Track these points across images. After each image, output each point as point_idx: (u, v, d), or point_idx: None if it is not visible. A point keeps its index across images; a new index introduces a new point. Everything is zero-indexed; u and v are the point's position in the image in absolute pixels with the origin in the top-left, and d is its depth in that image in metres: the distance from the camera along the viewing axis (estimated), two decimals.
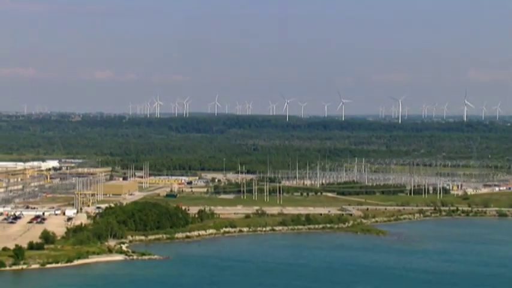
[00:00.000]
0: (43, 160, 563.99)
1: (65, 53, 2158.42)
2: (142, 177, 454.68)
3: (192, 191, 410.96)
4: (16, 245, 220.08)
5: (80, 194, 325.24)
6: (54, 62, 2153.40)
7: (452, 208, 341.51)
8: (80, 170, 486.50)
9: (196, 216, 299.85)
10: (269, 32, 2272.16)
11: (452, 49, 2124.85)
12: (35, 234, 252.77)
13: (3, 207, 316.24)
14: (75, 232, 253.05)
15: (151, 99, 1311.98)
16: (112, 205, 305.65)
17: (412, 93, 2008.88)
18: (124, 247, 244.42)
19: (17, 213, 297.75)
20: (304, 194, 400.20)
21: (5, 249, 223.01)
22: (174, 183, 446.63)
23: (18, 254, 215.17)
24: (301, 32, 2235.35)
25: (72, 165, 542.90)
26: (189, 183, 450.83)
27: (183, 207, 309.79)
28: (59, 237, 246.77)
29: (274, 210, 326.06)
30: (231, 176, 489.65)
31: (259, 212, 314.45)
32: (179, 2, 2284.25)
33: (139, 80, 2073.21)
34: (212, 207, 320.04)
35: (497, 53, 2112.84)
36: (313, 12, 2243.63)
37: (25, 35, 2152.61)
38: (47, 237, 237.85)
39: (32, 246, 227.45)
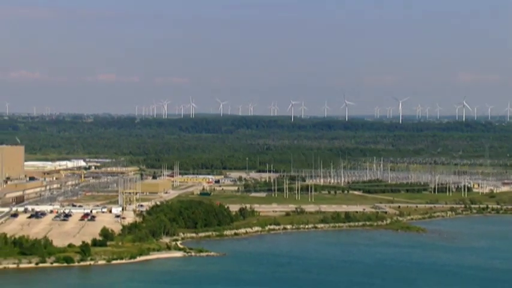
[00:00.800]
0: (69, 160, 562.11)
1: (69, 56, 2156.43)
2: (171, 176, 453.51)
3: (223, 189, 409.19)
4: (83, 242, 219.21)
5: (125, 193, 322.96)
6: (60, 65, 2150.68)
7: (482, 206, 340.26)
8: (114, 169, 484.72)
9: (239, 214, 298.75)
10: (265, 34, 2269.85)
11: (441, 52, 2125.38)
12: (90, 231, 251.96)
13: (50, 205, 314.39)
14: (130, 229, 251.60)
15: (157, 101, 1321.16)
16: (158, 203, 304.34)
17: (403, 95, 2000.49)
18: (179, 244, 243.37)
19: (66, 211, 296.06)
20: (332, 192, 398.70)
21: (70, 245, 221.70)
22: (203, 181, 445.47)
23: (84, 250, 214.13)
24: (296, 35, 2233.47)
25: (98, 164, 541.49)
26: (217, 181, 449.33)
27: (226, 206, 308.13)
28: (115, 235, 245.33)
29: (309, 208, 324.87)
30: (254, 175, 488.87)
31: (298, 210, 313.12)
32: (179, 6, 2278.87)
33: (140, 82, 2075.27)
34: (253, 205, 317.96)
35: (484, 56, 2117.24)
36: (309, 15, 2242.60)
37: (31, 40, 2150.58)
38: (106, 234, 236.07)
39: (95, 242, 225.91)
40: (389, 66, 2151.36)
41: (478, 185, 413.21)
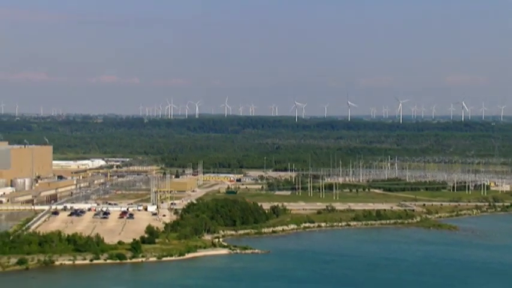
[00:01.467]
0: (88, 159, 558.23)
1: (73, 58, 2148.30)
2: (194, 174, 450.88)
3: (247, 188, 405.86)
4: (133, 239, 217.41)
5: (160, 191, 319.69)
6: (62, 66, 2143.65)
7: (505, 204, 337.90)
8: (137, 168, 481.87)
9: (271, 212, 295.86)
10: (264, 35, 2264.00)
11: (433, 54, 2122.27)
12: (132, 228, 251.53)
13: (86, 203, 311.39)
14: (172, 227, 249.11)
15: (162, 102, 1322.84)
16: (194, 201, 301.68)
17: (396, 95, 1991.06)
18: (221, 241, 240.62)
19: (104, 209, 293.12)
20: (353, 190, 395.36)
21: (120, 242, 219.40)
22: (225, 180, 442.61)
23: (135, 247, 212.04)
24: (291, 36, 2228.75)
25: (118, 163, 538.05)
26: (238, 180, 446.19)
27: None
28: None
29: (337, 206, 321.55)
30: (272, 174, 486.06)
31: (329, 208, 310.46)
32: (178, 8, 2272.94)
33: (141, 83, 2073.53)
34: (283, 204, 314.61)
35: (474, 57, 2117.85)
36: (304, 17, 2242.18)
37: (34, 42, 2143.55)
38: (152, 232, 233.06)
39: (143, 240, 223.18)
40: (383, 68, 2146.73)
41: (495, 183, 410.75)
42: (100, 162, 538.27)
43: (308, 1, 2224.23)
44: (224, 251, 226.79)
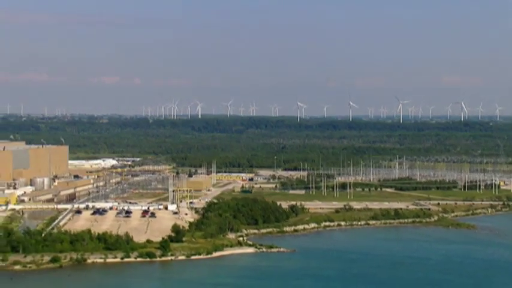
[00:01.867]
0: (99, 159, 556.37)
1: (73, 59, 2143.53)
2: (207, 174, 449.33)
3: (260, 187, 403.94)
4: (162, 238, 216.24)
5: (179, 190, 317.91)
6: (64, 67, 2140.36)
7: None
8: (151, 167, 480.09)
9: (290, 210, 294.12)
10: (261, 36, 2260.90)
11: (429, 55, 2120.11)
12: (157, 227, 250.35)
13: (106, 202, 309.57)
14: (197, 226, 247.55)
15: (166, 102, 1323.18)
16: (215, 201, 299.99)
17: (393, 96, 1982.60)
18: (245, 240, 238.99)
19: (125, 208, 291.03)
20: (366, 189, 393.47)
21: (149, 241, 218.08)
22: (237, 179, 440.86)
23: (164, 246, 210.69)
24: (291, 36, 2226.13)
25: (129, 163, 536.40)
26: (251, 179, 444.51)
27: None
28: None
29: (354, 205, 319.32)
30: (282, 173, 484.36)
31: (347, 207, 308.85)
32: (179, 9, 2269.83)
33: (142, 84, 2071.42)
34: (301, 203, 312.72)
35: (469, 58, 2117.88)
36: (304, 18, 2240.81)
37: (37, 42, 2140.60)
38: (178, 231, 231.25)
39: (171, 239, 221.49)
40: (380, 68, 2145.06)
41: (504, 183, 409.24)
42: (111, 161, 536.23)
43: (308, 1, 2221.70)
44: (250, 250, 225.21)
